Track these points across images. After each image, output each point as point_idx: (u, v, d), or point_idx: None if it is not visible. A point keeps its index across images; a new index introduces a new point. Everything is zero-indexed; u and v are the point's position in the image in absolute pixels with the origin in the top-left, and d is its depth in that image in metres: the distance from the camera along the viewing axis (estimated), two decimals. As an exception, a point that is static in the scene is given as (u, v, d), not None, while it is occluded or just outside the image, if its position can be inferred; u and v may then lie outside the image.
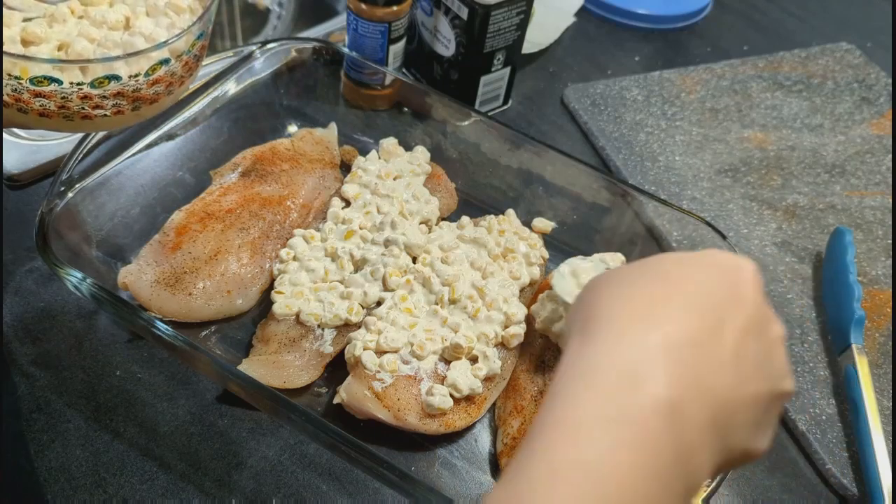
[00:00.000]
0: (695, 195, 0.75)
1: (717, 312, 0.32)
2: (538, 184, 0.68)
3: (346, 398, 0.52)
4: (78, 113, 0.46)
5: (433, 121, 0.71)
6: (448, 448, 0.53)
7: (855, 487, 0.55)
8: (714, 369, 0.31)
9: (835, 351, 0.63)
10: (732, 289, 0.33)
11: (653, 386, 0.29)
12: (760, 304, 0.34)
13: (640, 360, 0.30)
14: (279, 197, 0.63)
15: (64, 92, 0.44)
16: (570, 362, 0.31)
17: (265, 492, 0.50)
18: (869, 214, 0.76)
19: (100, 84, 0.45)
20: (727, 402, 0.31)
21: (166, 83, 0.48)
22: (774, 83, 0.90)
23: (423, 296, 0.58)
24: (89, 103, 0.45)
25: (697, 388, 0.30)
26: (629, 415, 0.28)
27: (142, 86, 0.47)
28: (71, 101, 0.45)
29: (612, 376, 0.29)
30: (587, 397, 0.29)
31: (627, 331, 0.31)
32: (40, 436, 0.51)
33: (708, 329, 0.31)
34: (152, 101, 0.48)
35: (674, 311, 0.31)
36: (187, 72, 0.50)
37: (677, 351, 0.30)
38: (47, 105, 0.44)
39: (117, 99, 0.46)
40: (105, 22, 0.48)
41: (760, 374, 0.33)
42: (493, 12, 0.69)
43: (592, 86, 0.86)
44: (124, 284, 0.56)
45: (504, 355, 0.56)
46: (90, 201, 0.58)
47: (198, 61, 0.51)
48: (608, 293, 0.33)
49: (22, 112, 0.45)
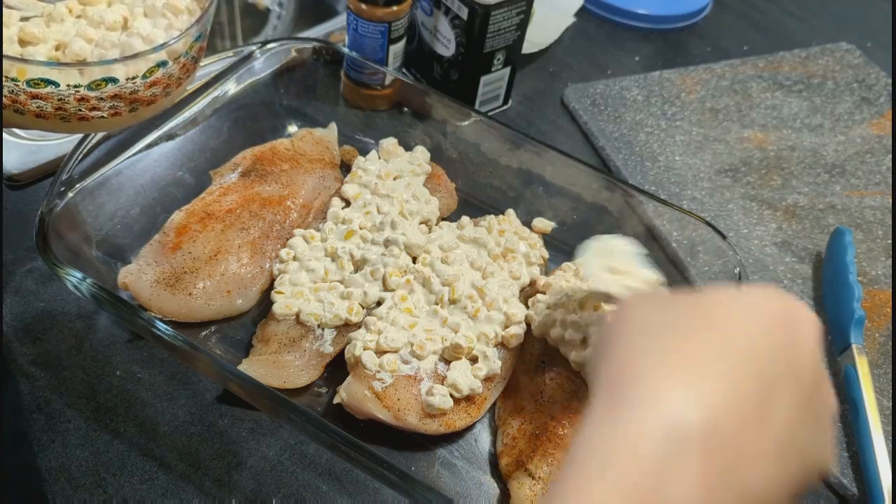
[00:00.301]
0: (695, 195, 0.75)
1: (768, 381, 0.28)
2: (538, 184, 0.68)
3: (346, 398, 0.52)
4: (75, 115, 0.45)
5: (433, 121, 0.71)
6: (448, 448, 0.53)
7: (855, 487, 0.55)
8: (753, 460, 0.27)
9: (835, 351, 0.63)
10: (789, 349, 0.29)
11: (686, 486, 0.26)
12: (817, 371, 0.30)
13: (675, 445, 0.26)
14: (279, 197, 0.63)
15: (60, 94, 0.44)
16: (596, 429, 0.28)
17: (265, 492, 0.50)
18: (869, 214, 0.76)
19: (97, 86, 0.44)
20: (761, 495, 0.28)
21: (164, 85, 0.48)
22: (774, 83, 0.90)
23: (423, 296, 0.58)
24: (86, 105, 0.45)
25: (733, 489, 0.27)
26: None
27: (139, 88, 0.46)
28: (68, 103, 0.44)
29: (637, 464, 0.26)
30: (609, 482, 0.26)
31: (663, 400, 0.27)
32: (40, 436, 0.51)
33: (754, 404, 0.28)
34: (149, 102, 0.48)
35: (719, 379, 0.28)
36: (185, 74, 0.50)
37: (717, 437, 0.27)
38: (44, 107, 0.44)
39: (114, 101, 0.46)
40: (103, 22, 0.48)
41: (803, 460, 0.29)
42: (493, 12, 0.69)
43: (592, 86, 0.86)
44: (124, 284, 0.56)
45: (504, 355, 0.56)
46: (90, 201, 0.58)
47: (195, 63, 0.51)
48: (643, 342, 0.29)
49: (19, 113, 0.45)
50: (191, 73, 0.51)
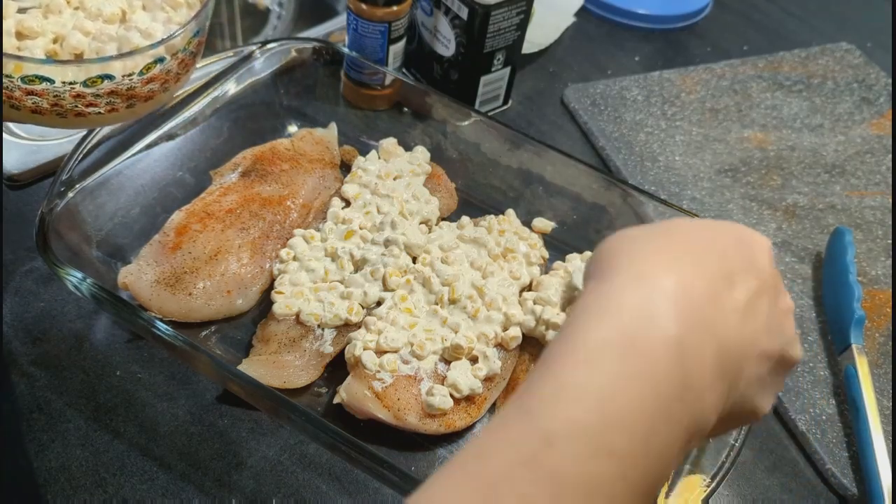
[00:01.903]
0: (695, 195, 0.75)
1: (731, 273, 0.33)
2: (538, 184, 0.68)
3: (346, 398, 0.52)
4: (71, 111, 0.45)
5: (433, 121, 0.71)
6: (448, 448, 0.53)
7: (855, 487, 0.55)
8: (725, 318, 0.32)
9: (835, 351, 0.63)
10: (747, 256, 0.34)
11: (664, 322, 0.30)
12: (773, 274, 0.35)
13: (653, 299, 0.31)
14: (279, 197, 0.63)
15: (56, 91, 0.43)
16: (586, 299, 0.32)
17: (265, 492, 0.50)
18: (869, 214, 0.76)
19: (93, 83, 0.44)
20: (736, 351, 0.32)
21: (161, 81, 0.47)
22: (774, 83, 0.90)
23: (423, 296, 0.58)
24: (82, 101, 0.45)
25: (707, 331, 0.31)
26: (639, 347, 0.29)
27: (136, 84, 0.46)
28: (63, 99, 0.44)
29: (624, 311, 0.30)
30: (599, 328, 0.30)
31: (643, 275, 0.32)
32: (40, 436, 0.51)
33: (721, 284, 0.32)
34: (147, 98, 0.48)
35: (689, 265, 0.32)
36: (183, 69, 0.49)
37: (690, 296, 0.31)
38: (40, 103, 0.44)
39: (111, 97, 0.45)
40: (101, 14, 0.47)
41: (770, 333, 0.34)
42: (493, 12, 0.69)
43: (592, 86, 0.86)
44: (124, 284, 0.56)
45: (504, 355, 0.56)
46: (90, 201, 0.58)
47: (194, 58, 0.50)
48: (627, 245, 0.34)
49: (15, 108, 0.44)
50: (189, 68, 0.50)
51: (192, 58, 0.50)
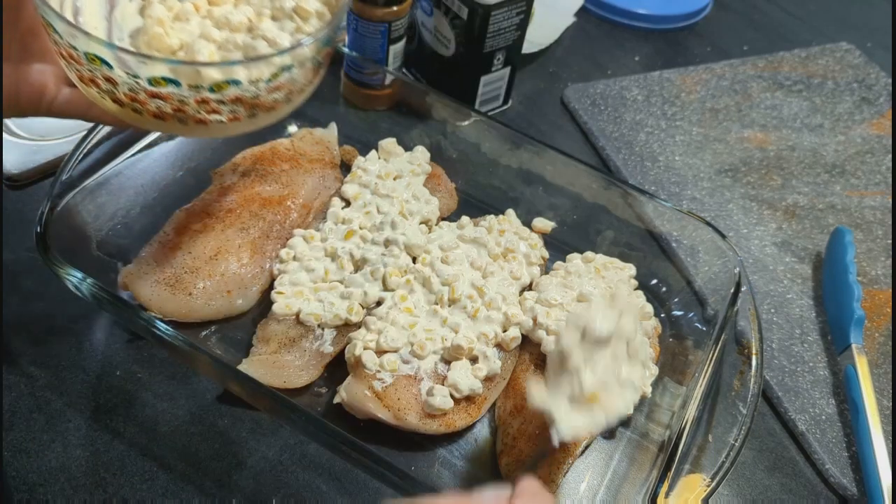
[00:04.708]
0: (695, 195, 0.75)
1: None
2: (538, 184, 0.68)
3: (347, 398, 0.52)
4: (193, 117, 0.43)
5: (433, 121, 0.71)
6: (448, 448, 0.53)
7: (855, 487, 0.55)
8: None
9: (835, 351, 0.63)
10: None
11: None
12: None
13: None
14: (279, 197, 0.63)
15: (181, 95, 0.42)
16: None
17: (265, 492, 0.50)
18: (869, 214, 0.76)
19: (218, 88, 0.42)
20: None
21: (286, 91, 0.46)
22: (774, 83, 0.90)
23: (423, 296, 0.58)
24: (206, 108, 0.43)
25: None
26: None
27: (261, 92, 0.44)
28: (188, 104, 0.42)
29: None
30: None
31: None
32: (40, 436, 0.51)
33: None
34: (270, 108, 0.46)
35: None
36: (308, 81, 0.47)
37: None
38: (163, 107, 0.42)
39: (235, 105, 0.44)
40: (228, 23, 0.46)
41: None
42: (493, 12, 0.69)
43: (592, 86, 0.86)
44: (124, 284, 0.56)
45: (504, 355, 0.56)
46: (90, 201, 0.58)
47: (320, 69, 0.48)
48: None
49: (136, 112, 0.43)
50: (314, 80, 0.48)
51: (319, 68, 0.48)
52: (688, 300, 0.63)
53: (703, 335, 0.59)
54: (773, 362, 0.62)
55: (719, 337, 0.55)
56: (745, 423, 0.51)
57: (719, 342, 0.54)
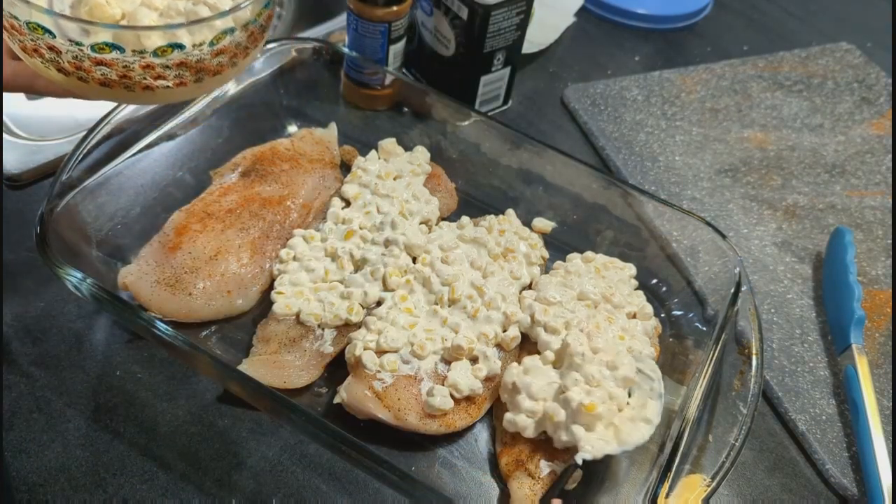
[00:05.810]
0: (695, 195, 0.75)
1: None
2: (538, 184, 0.68)
3: (347, 398, 0.52)
4: (139, 83, 0.44)
5: (433, 121, 0.71)
6: (448, 448, 0.53)
7: (855, 487, 0.55)
8: None
9: (835, 351, 0.63)
10: None
11: None
12: None
13: None
14: (279, 197, 0.63)
15: (126, 61, 0.42)
16: None
17: (265, 492, 0.50)
18: (869, 214, 0.76)
19: (162, 53, 0.43)
20: None
21: (231, 54, 0.46)
22: (774, 83, 0.90)
23: (423, 296, 0.58)
24: (151, 73, 0.44)
25: None
26: None
27: (206, 56, 0.45)
28: (133, 70, 0.43)
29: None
30: None
31: None
32: (40, 436, 0.51)
33: None
34: (216, 72, 0.47)
35: None
36: (252, 43, 0.48)
37: None
38: (108, 74, 0.43)
39: (180, 69, 0.44)
40: None
41: None
42: (493, 12, 0.69)
43: (592, 86, 0.86)
44: (124, 284, 0.56)
45: (504, 356, 0.56)
46: (90, 201, 0.58)
47: (263, 32, 0.49)
48: None
49: (83, 81, 0.43)
50: (258, 42, 0.49)
51: (262, 31, 0.49)
52: (688, 300, 0.63)
53: (703, 335, 0.59)
54: (773, 362, 0.62)
55: (719, 337, 0.55)
56: (745, 423, 0.51)
57: (719, 342, 0.54)
